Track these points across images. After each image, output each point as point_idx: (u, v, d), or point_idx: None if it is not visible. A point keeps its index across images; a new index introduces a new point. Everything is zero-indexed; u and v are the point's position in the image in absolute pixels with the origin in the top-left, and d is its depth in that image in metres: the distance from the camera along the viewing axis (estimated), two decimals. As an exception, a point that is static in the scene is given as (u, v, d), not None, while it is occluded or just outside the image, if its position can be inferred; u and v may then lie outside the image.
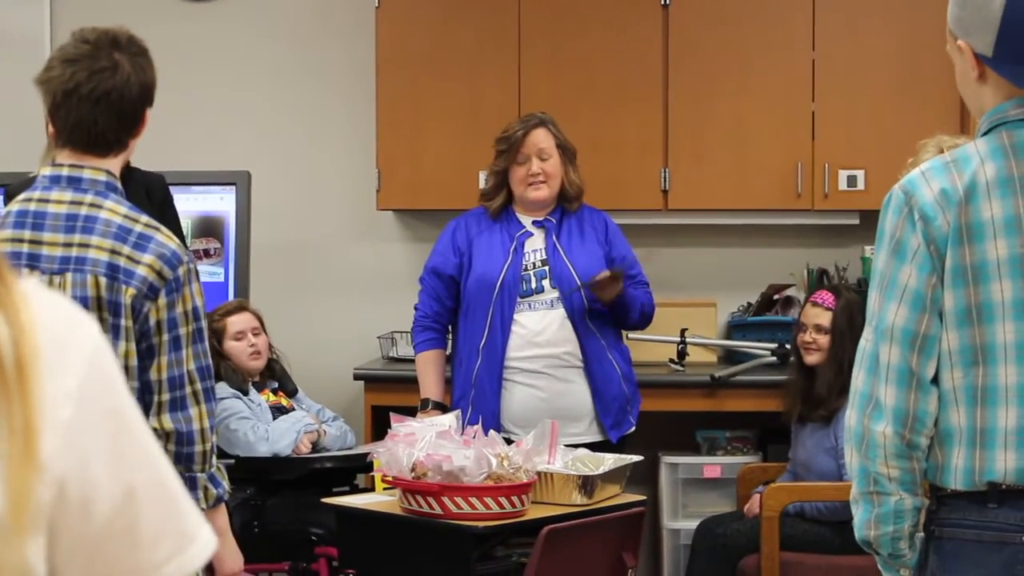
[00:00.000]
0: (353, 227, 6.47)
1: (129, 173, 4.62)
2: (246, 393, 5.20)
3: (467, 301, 4.86)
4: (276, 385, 5.37)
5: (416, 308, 4.99)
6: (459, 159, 5.96)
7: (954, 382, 2.40)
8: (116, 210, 2.84)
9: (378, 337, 6.20)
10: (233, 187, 6.02)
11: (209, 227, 6.02)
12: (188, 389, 2.83)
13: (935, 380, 2.40)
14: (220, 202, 6.04)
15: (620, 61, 5.97)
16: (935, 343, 2.40)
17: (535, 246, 4.86)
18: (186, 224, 5.99)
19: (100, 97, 2.81)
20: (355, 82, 6.33)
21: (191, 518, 1.21)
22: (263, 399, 5.25)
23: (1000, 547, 2.38)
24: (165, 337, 2.80)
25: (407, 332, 5.42)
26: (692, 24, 5.97)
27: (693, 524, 5.32)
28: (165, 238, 2.85)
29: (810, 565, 4.86)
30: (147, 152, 5.33)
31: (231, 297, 5.80)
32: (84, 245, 2.80)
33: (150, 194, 4.66)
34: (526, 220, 4.89)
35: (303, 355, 5.89)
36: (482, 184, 5.30)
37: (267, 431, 5.10)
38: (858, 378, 2.45)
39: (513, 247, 4.83)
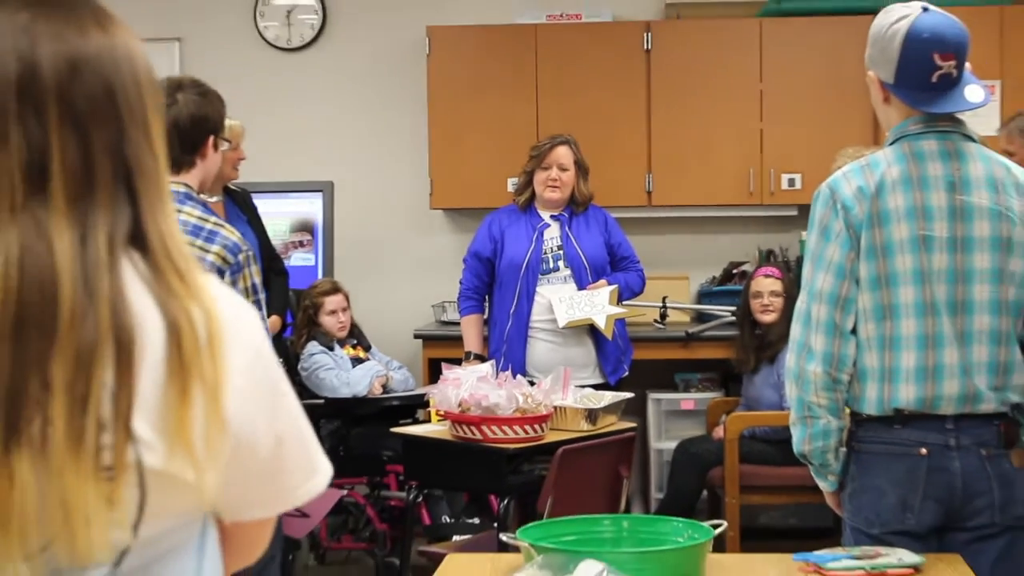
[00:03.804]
0: (411, 222, 6.46)
1: (232, 190, 4.64)
2: (332, 349, 5.23)
3: (500, 277, 4.87)
4: (355, 341, 5.39)
5: (461, 283, 5.01)
6: (492, 168, 5.94)
7: (868, 333, 2.40)
8: (191, 213, 2.83)
9: (432, 305, 6.21)
10: (320, 193, 6.04)
11: (302, 224, 6.05)
12: None
13: (854, 331, 2.40)
14: (310, 205, 6.05)
15: (613, 92, 5.95)
16: (853, 303, 2.40)
17: (552, 235, 4.86)
18: (285, 222, 6.02)
19: (168, 128, 2.82)
20: (412, 110, 6.31)
21: (316, 455, 1.24)
22: (344, 353, 5.26)
23: (904, 458, 2.38)
24: None
25: (454, 301, 5.42)
26: (669, 64, 5.94)
27: (673, 444, 5.32)
28: (228, 233, 2.84)
29: (762, 474, 4.86)
30: (256, 166, 5.38)
31: (320, 276, 5.82)
32: None
33: (247, 202, 4.69)
34: (545, 215, 4.89)
35: (375, 320, 5.91)
36: (510, 188, 5.31)
37: (348, 377, 5.11)
38: (795, 330, 2.46)
39: (535, 235, 4.84)
